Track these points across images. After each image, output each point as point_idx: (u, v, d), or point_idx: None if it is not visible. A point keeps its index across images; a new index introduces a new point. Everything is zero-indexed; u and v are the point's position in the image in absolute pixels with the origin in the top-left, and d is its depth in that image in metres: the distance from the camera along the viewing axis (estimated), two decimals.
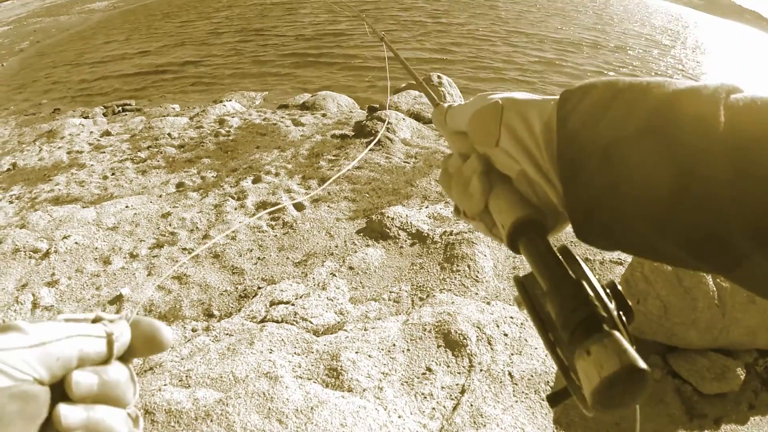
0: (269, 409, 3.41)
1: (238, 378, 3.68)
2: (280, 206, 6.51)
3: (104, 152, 9.06)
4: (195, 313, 4.96)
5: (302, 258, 5.77)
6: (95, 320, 0.52)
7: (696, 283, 4.38)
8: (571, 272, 0.59)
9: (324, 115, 10.60)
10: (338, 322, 4.66)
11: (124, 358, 0.54)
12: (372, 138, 8.66)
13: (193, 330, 4.66)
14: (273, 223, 6.45)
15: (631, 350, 0.49)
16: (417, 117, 10.22)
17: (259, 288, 5.26)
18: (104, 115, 12.58)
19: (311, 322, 4.58)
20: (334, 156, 8.30)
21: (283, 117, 10.42)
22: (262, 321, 4.62)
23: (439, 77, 12.30)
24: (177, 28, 25.61)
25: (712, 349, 4.49)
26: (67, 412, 0.46)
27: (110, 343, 0.52)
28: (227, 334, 4.39)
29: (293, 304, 4.82)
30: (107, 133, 10.07)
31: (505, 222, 0.70)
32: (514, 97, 0.72)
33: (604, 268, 5.67)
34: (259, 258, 5.78)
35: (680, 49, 31.64)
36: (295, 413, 3.38)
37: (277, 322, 4.55)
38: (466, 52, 21.29)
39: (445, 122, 0.88)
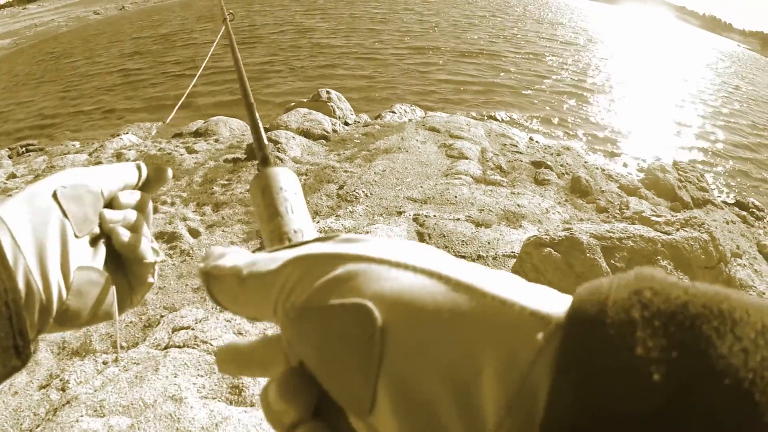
0: (177, 429, 3.74)
1: (147, 403, 3.97)
2: None
3: (11, 195, 8.95)
4: (104, 346, 5.15)
5: (200, 284, 5.96)
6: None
7: (588, 267, 4.60)
8: None
9: (217, 141, 10.79)
10: None
11: (145, 188, 0.79)
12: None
13: (104, 362, 4.87)
14: (171, 252, 6.66)
15: None
16: (306, 134, 10.46)
17: (162, 316, 5.50)
18: (9, 157, 12.42)
19: (211, 344, 4.83)
20: (227, 180, 8.54)
21: (177, 146, 10.54)
22: (166, 348, 4.86)
23: (327, 92, 12.57)
24: (71, 67, 25.31)
25: None
26: (108, 214, 0.70)
27: (140, 170, 0.77)
28: (135, 363, 4.62)
29: (193, 329, 5.07)
30: (13, 176, 10.05)
31: None
32: (426, 308, 0.32)
33: (497, 263, 6.02)
34: (159, 287, 6.02)
35: (593, 46, 32.95)
36: (201, 431, 3.72)
37: (179, 347, 4.81)
38: (364, 66, 21.73)
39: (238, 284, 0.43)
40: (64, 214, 0.65)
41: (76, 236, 0.65)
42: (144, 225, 0.76)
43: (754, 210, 11.84)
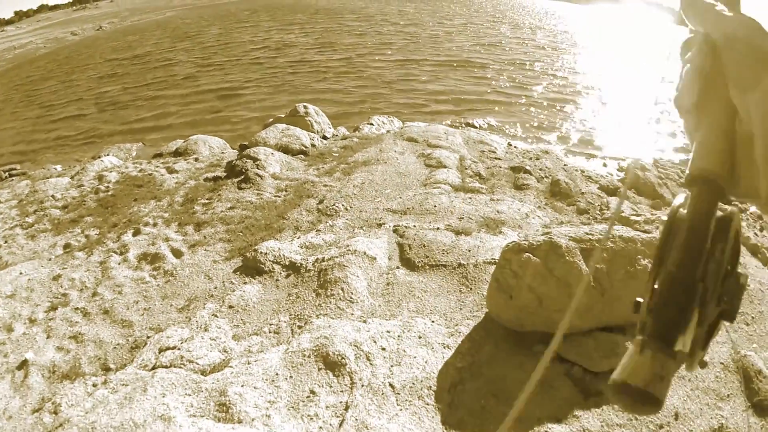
0: None
1: (138, 423, 4.03)
2: None
3: None
4: (93, 369, 5.22)
5: (185, 303, 6.08)
6: None
7: (568, 270, 4.59)
8: (704, 262, 0.57)
9: (197, 160, 10.85)
10: (223, 360, 5.00)
11: None
12: (243, 177, 9.06)
13: (94, 385, 4.95)
14: (155, 273, 6.71)
15: (660, 381, 0.51)
16: (285, 150, 10.53)
17: (148, 337, 5.55)
18: None
19: (197, 363, 4.92)
20: (207, 199, 8.60)
21: (158, 166, 10.58)
22: (153, 368, 4.93)
23: (305, 107, 12.60)
24: (50, 91, 25.22)
25: (598, 329, 4.69)
26: None
27: None
28: (123, 384, 4.69)
29: (179, 349, 5.14)
30: None
31: (697, 156, 0.65)
32: None
33: (478, 270, 6.04)
34: (145, 309, 6.07)
35: (573, 49, 32.88)
36: None
37: (166, 367, 4.88)
38: (342, 80, 21.77)
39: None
40: None
41: None
42: None
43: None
